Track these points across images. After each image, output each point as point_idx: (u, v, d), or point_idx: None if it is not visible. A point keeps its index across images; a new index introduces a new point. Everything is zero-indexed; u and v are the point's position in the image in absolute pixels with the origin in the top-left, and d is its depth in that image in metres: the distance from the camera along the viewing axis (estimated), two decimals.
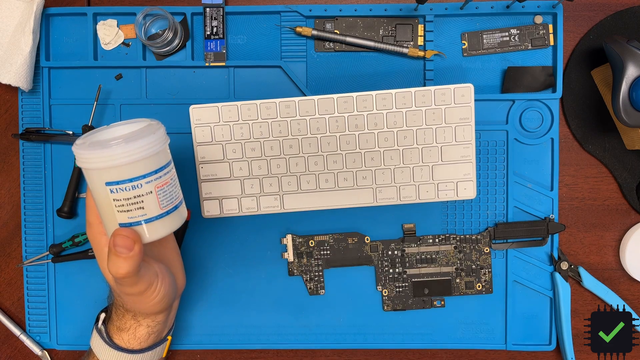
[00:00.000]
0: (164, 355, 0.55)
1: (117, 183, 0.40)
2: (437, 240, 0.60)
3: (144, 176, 0.41)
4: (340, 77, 0.61)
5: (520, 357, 0.62)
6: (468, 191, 0.58)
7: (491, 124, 0.60)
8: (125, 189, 0.41)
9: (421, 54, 0.59)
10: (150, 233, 0.43)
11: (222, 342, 0.62)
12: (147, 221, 0.43)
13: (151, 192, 0.42)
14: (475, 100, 0.57)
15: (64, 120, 0.61)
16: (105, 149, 0.40)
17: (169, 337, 0.55)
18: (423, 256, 0.60)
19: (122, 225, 0.42)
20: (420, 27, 0.60)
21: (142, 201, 0.41)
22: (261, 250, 0.61)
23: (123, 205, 0.41)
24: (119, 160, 0.40)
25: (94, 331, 0.52)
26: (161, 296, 0.48)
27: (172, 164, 0.45)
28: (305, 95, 0.59)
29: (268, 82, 0.60)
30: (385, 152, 0.57)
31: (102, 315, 0.53)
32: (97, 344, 0.51)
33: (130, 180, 0.40)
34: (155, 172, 0.42)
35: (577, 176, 0.61)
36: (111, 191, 0.41)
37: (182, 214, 0.46)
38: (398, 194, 0.58)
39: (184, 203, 0.46)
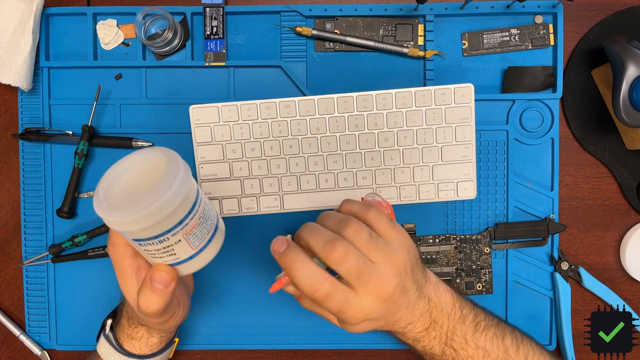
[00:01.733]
0: (170, 356, 0.55)
1: (143, 240, 0.39)
2: (437, 240, 0.60)
3: (168, 231, 0.39)
4: (340, 77, 0.61)
5: None
6: (468, 191, 0.58)
7: (491, 124, 0.60)
8: (153, 243, 0.40)
9: (421, 53, 0.59)
10: (185, 270, 0.43)
11: (222, 342, 0.62)
12: (180, 263, 0.42)
13: (180, 240, 0.40)
14: (476, 100, 0.57)
15: (63, 120, 0.61)
16: (123, 216, 0.37)
17: (177, 339, 0.55)
18: (423, 256, 0.60)
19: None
20: (421, 27, 0.60)
21: (173, 249, 0.40)
22: (261, 250, 0.61)
23: (154, 254, 0.41)
24: (138, 226, 0.37)
25: (102, 338, 0.52)
26: (180, 320, 0.48)
27: (200, 197, 0.41)
28: (305, 95, 0.59)
29: (268, 82, 0.60)
30: (385, 152, 0.57)
31: (109, 322, 0.52)
32: (106, 351, 0.51)
33: (155, 237, 0.39)
34: (180, 222, 0.39)
35: (577, 176, 0.61)
36: (139, 244, 0.40)
37: (221, 236, 0.45)
38: (398, 194, 0.57)
39: (221, 222, 0.45)
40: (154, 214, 0.37)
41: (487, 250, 0.60)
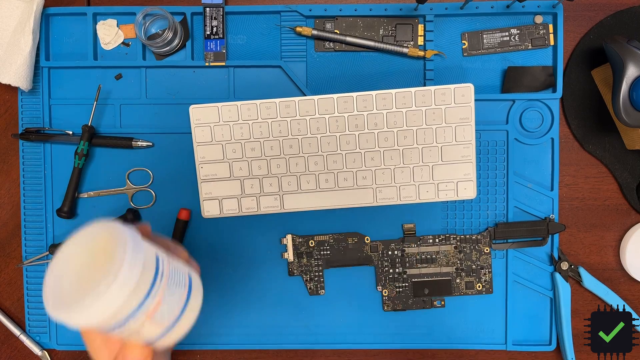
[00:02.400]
0: None
1: (104, 330, 0.35)
2: (437, 240, 0.60)
3: (126, 319, 0.34)
4: (340, 77, 0.61)
5: (520, 357, 0.62)
6: (468, 191, 0.57)
7: (491, 124, 0.60)
8: (114, 331, 0.35)
9: (421, 53, 0.59)
10: (162, 344, 0.38)
11: (222, 342, 0.62)
12: (151, 341, 0.38)
13: (144, 323, 0.35)
14: (476, 100, 0.57)
15: (63, 120, 0.61)
16: (68, 319, 0.32)
17: None
18: (423, 256, 0.60)
19: None
20: (420, 27, 0.60)
21: (139, 332, 0.36)
22: (261, 250, 0.61)
23: (123, 335, 0.36)
24: (86, 324, 0.33)
25: None
26: None
27: (161, 269, 0.36)
28: (305, 95, 0.59)
29: (268, 82, 0.60)
30: (385, 152, 0.57)
31: None
32: None
33: (114, 326, 0.34)
34: (138, 307, 0.34)
35: (577, 176, 0.61)
36: (102, 332, 0.36)
37: (197, 296, 0.39)
38: (398, 194, 0.57)
39: (195, 279, 0.40)
40: (100, 312, 0.32)
41: (487, 250, 0.60)
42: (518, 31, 0.60)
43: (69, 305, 0.32)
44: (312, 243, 0.60)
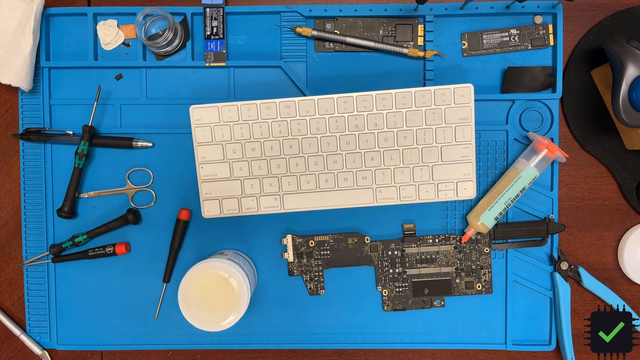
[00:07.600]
0: None
1: None
2: (437, 240, 0.60)
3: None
4: (340, 77, 0.61)
5: (520, 357, 0.62)
6: (468, 191, 0.58)
7: (491, 124, 0.60)
8: None
9: (421, 54, 0.59)
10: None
11: (222, 342, 0.62)
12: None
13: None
14: (475, 100, 0.57)
15: (64, 120, 0.61)
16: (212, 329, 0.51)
17: None
18: (423, 256, 0.60)
19: None
20: (420, 27, 0.60)
21: None
22: (261, 250, 0.61)
23: None
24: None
25: None
26: None
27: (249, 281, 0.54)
28: (305, 95, 0.59)
29: (268, 82, 0.61)
30: (385, 152, 0.57)
31: None
32: None
33: None
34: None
35: (577, 176, 0.61)
36: None
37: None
38: (398, 194, 0.58)
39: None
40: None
41: (486, 250, 0.60)
42: (518, 31, 0.60)
43: (215, 324, 0.52)
44: (312, 243, 0.60)
